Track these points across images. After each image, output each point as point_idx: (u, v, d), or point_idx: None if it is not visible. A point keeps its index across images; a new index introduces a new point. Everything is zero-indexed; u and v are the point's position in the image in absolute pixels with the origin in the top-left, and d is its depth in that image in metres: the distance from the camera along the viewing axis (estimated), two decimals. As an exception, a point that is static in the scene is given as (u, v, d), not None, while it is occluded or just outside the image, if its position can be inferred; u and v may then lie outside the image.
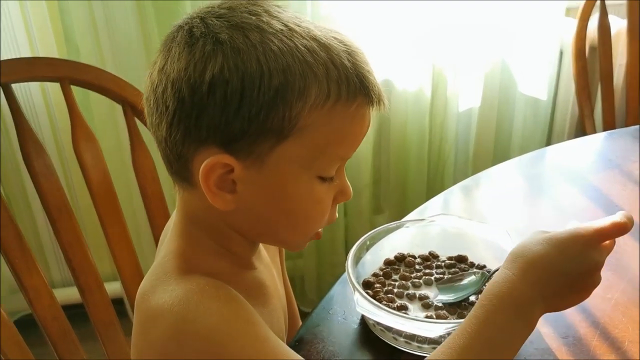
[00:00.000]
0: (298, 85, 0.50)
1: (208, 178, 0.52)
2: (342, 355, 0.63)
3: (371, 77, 0.54)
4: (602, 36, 1.47)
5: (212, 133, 0.51)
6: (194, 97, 0.50)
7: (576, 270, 0.51)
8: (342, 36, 0.54)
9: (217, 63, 0.49)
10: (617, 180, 0.96)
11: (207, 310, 0.51)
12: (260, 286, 0.64)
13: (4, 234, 0.84)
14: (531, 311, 0.51)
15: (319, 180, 0.55)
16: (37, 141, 0.88)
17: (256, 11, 0.52)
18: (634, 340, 0.63)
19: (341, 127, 0.53)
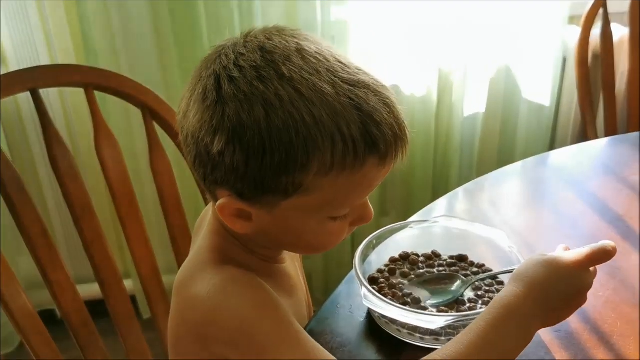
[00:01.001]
0: (300, 160, 0.52)
1: (223, 213, 0.58)
2: (349, 346, 0.68)
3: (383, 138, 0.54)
4: (604, 44, 1.50)
5: (225, 185, 0.56)
6: (208, 156, 0.55)
7: (570, 292, 0.58)
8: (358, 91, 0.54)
9: (224, 136, 0.53)
10: (613, 186, 1.00)
11: (240, 298, 0.57)
12: (288, 278, 0.70)
13: (31, 230, 0.89)
14: (532, 325, 0.57)
15: (330, 220, 0.59)
16: (63, 144, 0.93)
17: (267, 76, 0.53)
18: (622, 335, 0.67)
19: (348, 186, 0.55)
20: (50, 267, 0.91)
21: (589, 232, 0.89)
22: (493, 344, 0.55)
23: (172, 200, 1.03)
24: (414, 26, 1.55)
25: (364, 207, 0.62)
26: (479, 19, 1.59)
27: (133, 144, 1.51)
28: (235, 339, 0.56)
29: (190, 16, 1.42)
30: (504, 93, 1.72)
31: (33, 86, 0.90)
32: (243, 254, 0.64)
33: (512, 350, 0.56)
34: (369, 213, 0.62)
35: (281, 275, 0.69)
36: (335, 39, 1.55)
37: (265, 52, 0.55)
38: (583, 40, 1.48)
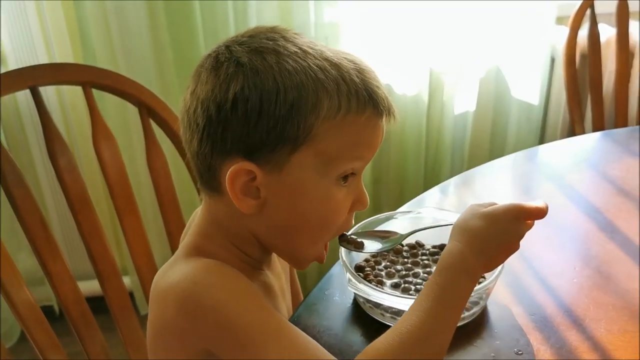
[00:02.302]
0: (311, 100, 0.56)
1: (234, 184, 0.59)
2: (335, 330, 0.71)
3: (379, 91, 0.60)
4: (592, 44, 1.53)
5: (236, 145, 0.58)
6: (220, 114, 0.57)
7: (506, 239, 0.62)
8: (352, 57, 0.61)
9: (239, 83, 0.56)
10: (593, 180, 1.04)
11: (213, 285, 0.57)
12: (267, 287, 0.69)
13: (31, 223, 0.92)
14: (476, 271, 0.61)
15: (337, 185, 0.61)
16: (62, 140, 0.96)
17: (274, 37, 0.59)
18: (593, 319, 0.71)
19: (352, 135, 0.59)
20: (50, 258, 0.94)
21: (568, 224, 0.92)
22: (449, 303, 0.58)
23: (168, 195, 1.06)
24: (405, 27, 1.59)
25: (360, 188, 0.65)
26: (469, 20, 1.63)
27: (129, 140, 1.54)
28: (212, 329, 0.56)
29: (186, 16, 1.46)
30: (494, 92, 1.76)
31: (33, 84, 0.93)
32: (224, 253, 0.64)
33: (464, 301, 0.60)
34: (365, 196, 0.65)
35: (261, 283, 0.68)
36: (328, 39, 1.59)
37: (267, 28, 0.61)
38: (571, 41, 1.51)
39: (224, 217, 0.64)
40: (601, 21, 1.54)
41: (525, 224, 0.62)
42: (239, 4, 1.49)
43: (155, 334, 0.63)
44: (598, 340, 0.68)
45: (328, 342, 0.69)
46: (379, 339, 0.57)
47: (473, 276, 0.60)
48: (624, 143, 1.16)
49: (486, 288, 0.70)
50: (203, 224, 0.66)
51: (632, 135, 1.20)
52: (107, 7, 1.43)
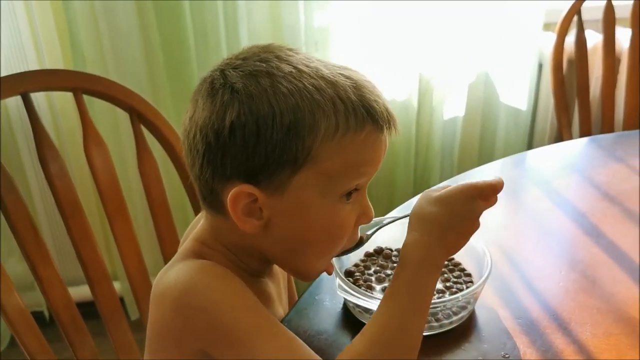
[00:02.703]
0: (308, 121, 0.56)
1: (235, 206, 0.59)
2: (326, 334, 0.72)
3: (377, 106, 0.59)
4: (579, 50, 1.55)
5: (236, 169, 0.58)
6: (219, 141, 0.58)
7: (462, 221, 0.61)
8: (349, 72, 0.60)
9: (235, 110, 0.57)
10: (578, 185, 1.05)
11: (207, 285, 0.58)
12: (265, 294, 0.70)
13: (21, 228, 0.92)
14: (440, 260, 0.61)
15: (341, 202, 0.61)
16: (52, 146, 0.96)
17: (267, 58, 0.59)
18: (579, 322, 0.72)
19: (353, 154, 0.59)
20: (40, 263, 0.94)
21: (554, 228, 0.94)
22: (417, 297, 0.59)
23: (159, 201, 1.06)
24: (395, 32, 1.60)
25: (365, 201, 0.64)
26: (458, 26, 1.65)
27: (120, 145, 1.54)
28: (207, 328, 0.57)
29: (176, 20, 1.46)
30: (483, 97, 1.77)
31: (24, 90, 0.93)
32: (224, 260, 0.65)
33: (429, 296, 0.60)
34: (370, 209, 0.65)
35: (257, 290, 0.67)
36: (318, 44, 1.60)
37: (261, 48, 0.61)
38: (558, 47, 1.53)
39: (228, 234, 0.64)
40: (588, 27, 1.56)
41: (480, 202, 0.61)
42: (229, 8, 1.49)
43: (153, 336, 0.64)
44: (583, 344, 0.69)
45: (318, 346, 0.70)
46: (356, 339, 0.58)
47: (436, 266, 0.61)
48: (610, 149, 1.18)
49: (474, 292, 0.71)
50: (204, 233, 0.66)
51: (618, 141, 1.22)
52: (97, 10, 1.43)
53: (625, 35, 1.64)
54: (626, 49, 1.64)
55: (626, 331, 0.71)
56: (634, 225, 0.92)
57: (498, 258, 0.84)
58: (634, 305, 0.75)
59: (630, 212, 0.95)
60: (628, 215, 0.94)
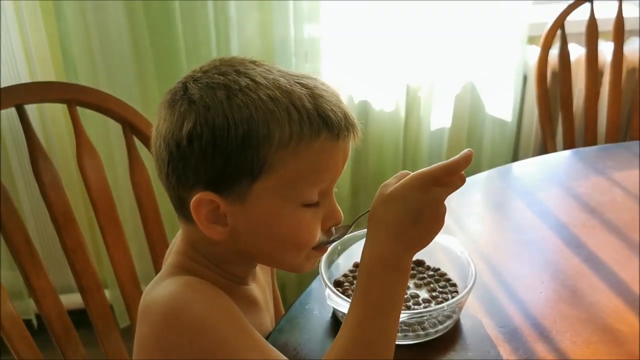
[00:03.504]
0: (262, 132, 0.57)
1: (198, 213, 0.60)
2: (315, 343, 0.74)
3: (333, 114, 0.59)
4: (562, 63, 1.58)
5: (197, 178, 0.60)
6: (179, 151, 0.59)
7: (420, 211, 0.58)
8: (309, 81, 0.61)
9: (191, 120, 0.59)
10: (560, 196, 1.08)
11: (195, 303, 0.59)
12: (252, 301, 0.71)
13: (15, 239, 0.93)
14: (401, 261, 0.58)
15: (302, 208, 0.61)
16: (46, 157, 0.98)
17: (226, 71, 0.61)
18: (559, 331, 0.75)
19: (310, 161, 0.59)
20: (33, 273, 0.95)
21: (536, 239, 0.96)
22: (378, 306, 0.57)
23: (151, 211, 1.08)
24: (383, 45, 1.63)
25: (332, 205, 0.64)
26: (444, 38, 1.68)
27: (111, 156, 1.56)
28: (193, 344, 0.57)
29: (168, 32, 1.48)
30: (469, 109, 1.80)
31: (19, 102, 0.95)
32: (207, 272, 0.66)
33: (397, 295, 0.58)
34: (337, 212, 0.65)
35: (244, 298, 0.69)
36: (308, 55, 1.62)
37: (223, 61, 0.63)
38: (542, 59, 1.56)
39: (201, 242, 0.65)
40: (571, 41, 1.60)
41: (437, 189, 0.58)
42: (221, 20, 1.51)
43: (140, 351, 0.64)
44: (564, 351, 0.71)
45: (308, 355, 0.72)
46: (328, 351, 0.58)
47: (397, 267, 0.58)
48: (591, 161, 1.22)
49: (459, 302, 0.73)
50: (183, 245, 0.67)
51: (599, 154, 1.26)
52: (89, 23, 1.44)
53: (608, 49, 1.67)
54: (609, 62, 1.68)
55: (605, 339, 0.74)
56: (613, 237, 0.95)
57: (482, 268, 0.87)
58: (612, 314, 0.78)
59: (609, 223, 0.98)
60: (607, 226, 0.98)
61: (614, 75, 1.63)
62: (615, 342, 0.73)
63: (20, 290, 1.64)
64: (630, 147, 1.28)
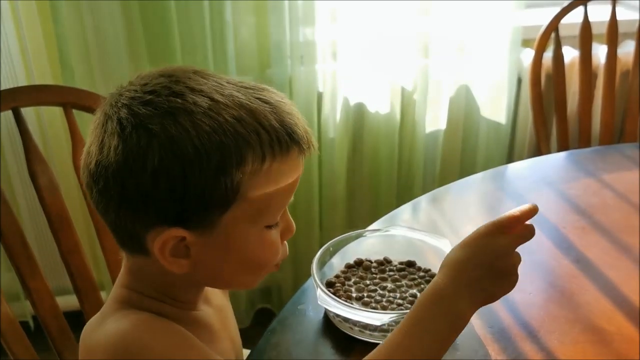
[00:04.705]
0: (235, 157, 0.53)
1: (163, 251, 0.56)
2: (307, 343, 0.75)
3: (298, 129, 0.58)
4: (556, 66, 1.59)
5: (162, 215, 0.54)
6: (139, 188, 0.53)
7: (487, 261, 0.58)
8: (263, 93, 0.58)
9: (156, 154, 0.52)
10: (551, 198, 1.09)
11: (146, 345, 0.55)
12: (205, 325, 0.67)
13: (11, 240, 0.94)
14: (456, 306, 0.58)
15: (266, 229, 0.60)
16: (42, 159, 0.99)
17: (180, 91, 0.54)
18: (547, 330, 0.76)
19: (280, 180, 0.57)
20: (29, 275, 0.96)
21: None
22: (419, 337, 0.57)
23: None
24: (378, 47, 1.64)
25: (287, 218, 0.64)
26: (439, 41, 1.69)
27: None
28: None
29: (163, 36, 1.49)
30: (464, 111, 1.81)
31: (15, 105, 0.96)
32: (154, 303, 0.61)
33: (443, 335, 0.57)
34: (292, 224, 0.65)
35: (196, 322, 0.65)
36: (303, 58, 1.63)
37: (167, 76, 0.57)
38: (536, 62, 1.57)
39: (149, 272, 0.61)
40: (565, 44, 1.61)
41: (504, 237, 0.59)
42: (217, 25, 1.53)
43: None
44: (551, 351, 0.73)
45: (300, 356, 0.73)
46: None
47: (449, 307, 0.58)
48: (583, 163, 1.23)
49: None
50: (127, 277, 0.63)
51: (591, 156, 1.27)
52: (86, 26, 1.45)
53: (602, 52, 1.69)
54: (602, 64, 1.69)
55: (593, 339, 0.75)
56: (602, 238, 0.96)
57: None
58: (600, 314, 0.79)
59: (599, 225, 0.99)
60: (597, 228, 0.99)
61: (607, 77, 1.64)
62: (602, 342, 0.74)
63: (17, 293, 1.65)
64: (622, 149, 1.29)
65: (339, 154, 1.72)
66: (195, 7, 1.48)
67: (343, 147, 1.72)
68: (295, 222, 0.66)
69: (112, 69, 1.51)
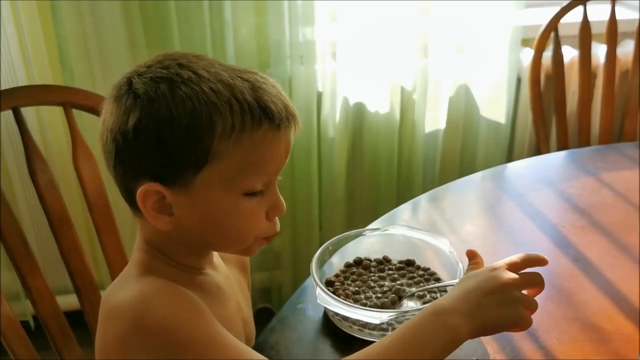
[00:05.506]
0: (205, 123, 0.59)
1: (145, 203, 0.62)
2: (307, 341, 0.75)
3: (274, 106, 0.62)
4: (556, 66, 1.59)
5: (143, 169, 0.61)
6: (125, 143, 0.61)
7: (489, 287, 0.63)
8: (249, 74, 0.63)
9: (136, 114, 0.60)
10: (550, 197, 1.10)
11: (162, 306, 0.60)
12: (216, 287, 0.71)
13: (11, 240, 0.95)
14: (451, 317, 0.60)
15: (245, 197, 0.63)
16: (42, 159, 0.99)
17: (169, 65, 0.62)
18: (546, 329, 0.76)
19: (251, 151, 0.61)
20: (29, 274, 0.96)
21: (525, 239, 0.98)
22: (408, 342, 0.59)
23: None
24: (378, 47, 1.64)
25: (275, 195, 0.66)
26: (439, 41, 1.69)
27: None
28: (161, 347, 0.58)
29: (163, 36, 1.49)
30: (464, 111, 1.81)
31: (15, 105, 0.96)
32: (165, 266, 0.66)
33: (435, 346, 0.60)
34: (280, 202, 0.67)
35: (205, 286, 0.70)
36: (303, 58, 1.63)
37: (167, 56, 0.64)
38: (536, 62, 1.57)
39: (153, 235, 0.67)
40: (565, 43, 1.61)
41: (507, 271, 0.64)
42: (216, 25, 1.53)
43: (102, 351, 0.65)
44: (550, 350, 0.73)
45: (299, 355, 0.73)
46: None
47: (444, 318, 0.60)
48: (582, 163, 1.23)
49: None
50: (140, 241, 0.69)
51: (591, 155, 1.27)
52: (86, 26, 1.46)
53: (601, 51, 1.68)
54: (602, 64, 1.69)
55: (591, 338, 0.75)
56: (601, 237, 0.96)
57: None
58: (599, 313, 0.79)
59: (598, 224, 1.00)
60: (596, 227, 0.99)
61: (607, 77, 1.64)
62: (601, 340, 0.75)
63: (18, 292, 1.65)
64: (621, 149, 1.29)
65: (339, 153, 1.72)
66: (195, 7, 1.48)
67: (343, 147, 1.73)
68: (295, 221, 0.66)
69: (112, 69, 1.51)
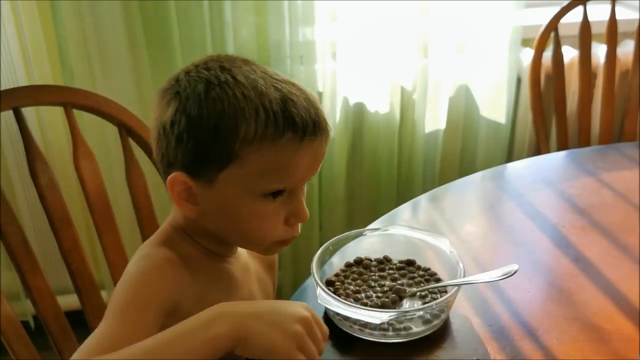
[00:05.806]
0: (230, 125, 0.63)
1: (173, 190, 0.68)
2: (306, 341, 0.75)
3: (299, 118, 0.64)
4: (555, 66, 1.59)
5: (175, 158, 0.67)
6: (164, 132, 0.67)
7: (280, 306, 0.60)
8: (283, 84, 0.66)
9: (173, 108, 0.66)
10: (550, 197, 1.10)
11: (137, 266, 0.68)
12: (229, 277, 0.76)
13: (12, 240, 0.95)
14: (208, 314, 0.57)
15: (263, 201, 0.67)
16: (43, 159, 0.99)
17: (211, 67, 0.67)
18: (546, 329, 0.76)
19: (272, 158, 0.65)
20: (29, 273, 0.97)
21: (525, 239, 0.98)
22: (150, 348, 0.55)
23: (146, 212, 1.09)
24: (378, 47, 1.64)
25: (298, 202, 0.69)
26: (439, 41, 1.69)
27: (107, 158, 1.57)
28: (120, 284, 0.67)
29: (164, 36, 1.49)
30: (464, 111, 1.81)
31: (16, 105, 0.96)
32: (183, 243, 0.72)
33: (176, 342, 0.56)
34: (302, 211, 0.69)
35: (221, 273, 0.75)
36: (303, 58, 1.64)
37: (214, 57, 0.70)
38: (536, 62, 1.57)
39: (180, 216, 0.73)
40: (565, 43, 1.61)
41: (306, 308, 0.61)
42: (216, 25, 1.53)
43: None
44: (550, 350, 0.73)
45: (300, 353, 0.73)
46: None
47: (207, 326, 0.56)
48: (582, 162, 1.23)
49: (447, 301, 0.75)
50: (171, 217, 0.75)
51: (591, 155, 1.27)
52: (86, 27, 1.46)
53: (601, 51, 1.69)
54: (602, 64, 1.69)
55: (591, 338, 0.75)
56: (601, 237, 0.96)
57: (472, 268, 0.88)
58: (599, 313, 0.79)
59: (598, 224, 1.00)
60: (596, 227, 0.99)
61: (607, 77, 1.64)
62: (601, 340, 0.75)
63: (18, 292, 1.65)
64: (621, 149, 1.30)
65: (339, 153, 1.72)
66: (195, 7, 1.48)
67: (343, 147, 1.73)
68: (295, 221, 0.68)
69: (112, 69, 1.51)
